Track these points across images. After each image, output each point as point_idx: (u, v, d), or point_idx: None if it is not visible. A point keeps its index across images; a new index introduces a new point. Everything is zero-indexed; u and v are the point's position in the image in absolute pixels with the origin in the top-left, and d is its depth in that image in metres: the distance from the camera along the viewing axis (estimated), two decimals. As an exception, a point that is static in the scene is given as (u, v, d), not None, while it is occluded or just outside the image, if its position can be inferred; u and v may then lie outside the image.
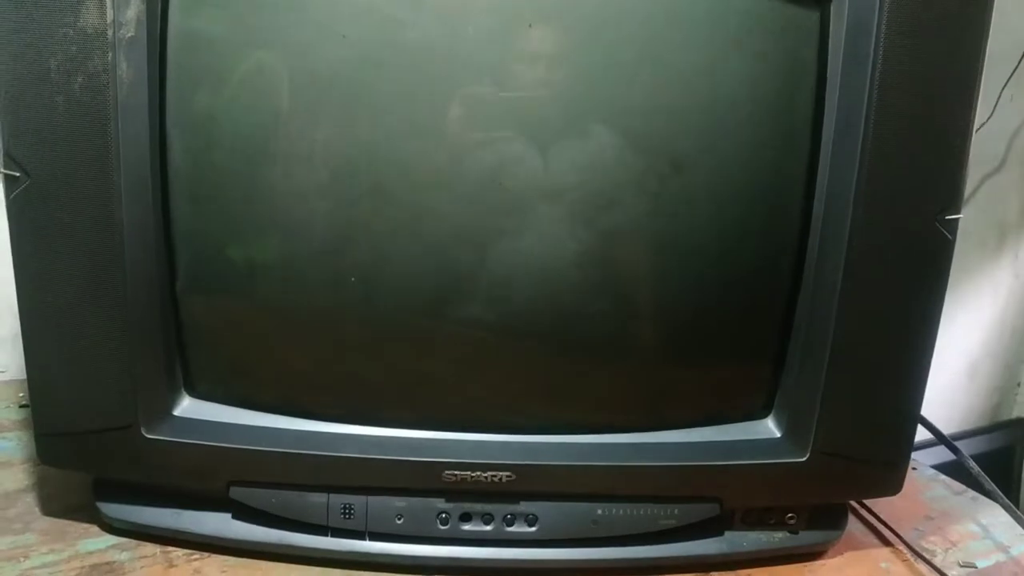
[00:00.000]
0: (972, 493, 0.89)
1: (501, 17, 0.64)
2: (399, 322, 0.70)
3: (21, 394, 0.96)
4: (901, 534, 0.80)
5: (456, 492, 0.70)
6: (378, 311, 0.70)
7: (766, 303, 0.71)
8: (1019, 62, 1.45)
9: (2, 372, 1.04)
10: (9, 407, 0.95)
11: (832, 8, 0.64)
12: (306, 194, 0.67)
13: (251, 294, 0.70)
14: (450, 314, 0.70)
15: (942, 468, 0.95)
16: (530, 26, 0.63)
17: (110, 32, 0.60)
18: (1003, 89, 1.44)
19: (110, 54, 0.60)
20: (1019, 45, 1.44)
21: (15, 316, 1.00)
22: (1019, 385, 1.78)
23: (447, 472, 0.68)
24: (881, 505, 0.82)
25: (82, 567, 0.68)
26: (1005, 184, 1.60)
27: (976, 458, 0.82)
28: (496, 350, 0.71)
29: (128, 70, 0.61)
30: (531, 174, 0.66)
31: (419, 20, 0.63)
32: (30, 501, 0.76)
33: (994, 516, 0.84)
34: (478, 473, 0.68)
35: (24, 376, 0.99)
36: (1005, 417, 1.79)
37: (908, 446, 0.73)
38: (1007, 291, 1.70)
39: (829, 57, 0.64)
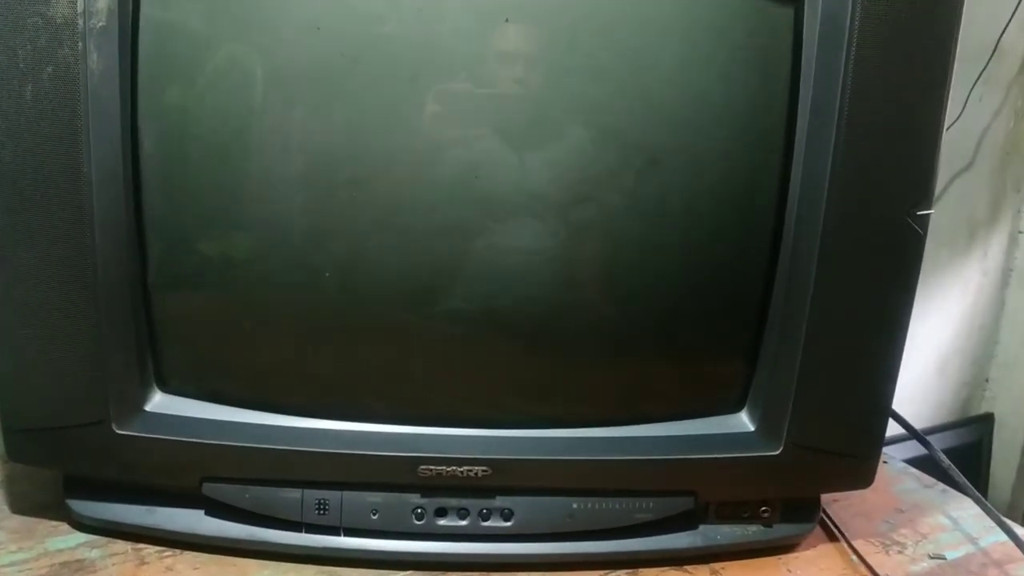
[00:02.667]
0: (941, 486, 0.90)
1: (477, 13, 0.64)
2: (374, 317, 0.69)
3: (-12, 391, 0.95)
4: (872, 526, 0.81)
5: (431, 487, 0.70)
6: (352, 306, 0.69)
7: (740, 298, 0.71)
8: (988, 62, 1.47)
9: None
10: (-25, 404, 0.93)
11: (806, 4, 0.64)
12: (280, 188, 0.67)
13: (224, 288, 0.70)
14: (425, 309, 0.69)
15: (913, 462, 0.96)
16: (506, 20, 0.63)
17: (80, 22, 0.59)
18: (972, 88, 1.46)
19: (80, 44, 0.59)
20: (988, 45, 1.46)
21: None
22: (987, 381, 1.81)
23: (422, 467, 0.68)
24: (853, 498, 0.83)
25: (51, 565, 0.68)
26: (974, 182, 1.62)
27: (945, 452, 0.84)
28: (472, 345, 0.71)
29: (98, 61, 0.60)
30: (507, 170, 0.66)
31: (395, 15, 0.63)
32: (-2, 499, 0.75)
33: (963, 509, 0.85)
34: (454, 468, 0.68)
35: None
36: (974, 412, 1.81)
37: (879, 439, 0.73)
38: (976, 288, 1.72)
39: (803, 52, 0.65)
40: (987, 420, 1.80)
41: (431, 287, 0.69)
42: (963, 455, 1.74)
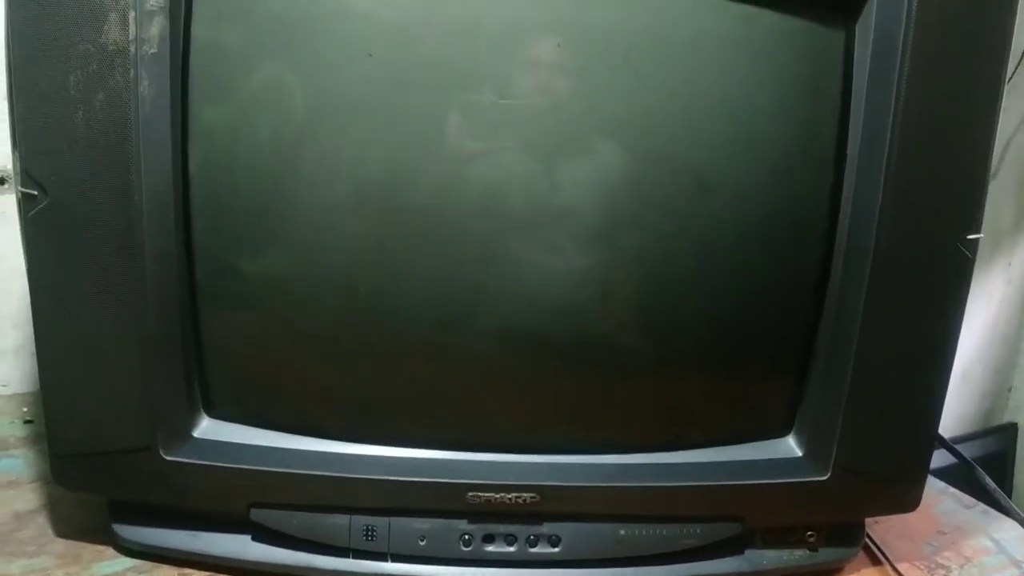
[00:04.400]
0: (982, 506, 0.89)
1: (527, 38, 0.63)
2: (418, 339, 0.69)
3: (25, 408, 0.95)
4: (916, 549, 0.81)
5: (479, 513, 0.69)
6: (396, 329, 0.69)
7: (789, 322, 0.71)
8: (1013, 72, 1.46)
9: (3, 386, 1.02)
10: (13, 423, 0.93)
11: (858, 27, 0.64)
12: (328, 212, 0.66)
13: (272, 313, 0.69)
14: (468, 332, 0.69)
15: (938, 472, 0.95)
16: (558, 45, 0.63)
17: (132, 48, 0.58)
18: (999, 99, 1.45)
19: (132, 71, 0.59)
20: (1013, 55, 1.45)
21: (16, 328, 1.00)
22: (1010, 390, 1.80)
23: (471, 494, 0.68)
24: (893, 520, 0.83)
25: (99, 590, 0.68)
26: (998, 192, 1.61)
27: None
28: (517, 369, 0.70)
29: (150, 87, 0.60)
30: (558, 193, 0.66)
31: (439, 38, 0.63)
32: (42, 522, 0.75)
33: (1005, 530, 0.85)
34: (502, 494, 0.68)
35: (27, 390, 0.99)
36: (996, 422, 1.81)
37: (926, 463, 0.73)
38: (1000, 297, 1.71)
39: (854, 76, 0.64)
40: (1010, 430, 1.79)
41: (474, 310, 0.69)
42: (986, 465, 1.72)
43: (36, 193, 0.61)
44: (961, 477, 0.96)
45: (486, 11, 0.63)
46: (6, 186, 0.95)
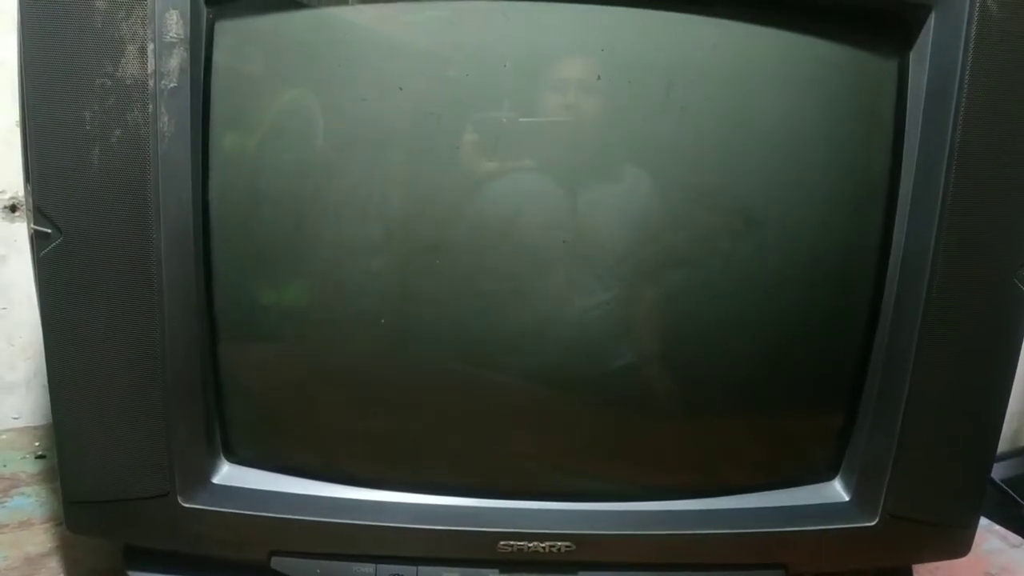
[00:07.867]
0: (1030, 545, 0.86)
1: (565, 65, 0.61)
2: (446, 379, 0.66)
3: (37, 443, 0.92)
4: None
5: (511, 562, 0.66)
6: (424, 367, 0.66)
7: (836, 361, 0.68)
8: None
9: (16, 419, 0.99)
10: (25, 457, 0.90)
11: (912, 56, 0.61)
12: (355, 250, 0.64)
13: (294, 351, 0.67)
14: (499, 371, 0.66)
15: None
16: (598, 78, 0.60)
17: (151, 82, 0.56)
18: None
19: (150, 106, 0.56)
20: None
21: (28, 359, 0.97)
22: (1039, 410, 1.76)
23: (503, 543, 0.65)
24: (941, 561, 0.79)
25: (114, 641, 0.65)
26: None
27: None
28: (550, 413, 0.67)
29: (169, 122, 0.57)
30: (593, 231, 0.64)
31: (471, 72, 0.61)
32: (55, 567, 0.72)
33: (1056, 571, 0.81)
34: (536, 543, 0.65)
35: (39, 423, 0.97)
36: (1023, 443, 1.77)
37: (979, 507, 0.70)
38: (1029, 315, 1.67)
39: (908, 106, 0.62)
40: (1039, 451, 1.75)
41: (505, 347, 0.66)
42: (1016, 487, 1.69)
43: (49, 231, 0.58)
44: (995, 505, 0.92)
45: (524, 40, 0.60)
46: (17, 214, 0.92)
